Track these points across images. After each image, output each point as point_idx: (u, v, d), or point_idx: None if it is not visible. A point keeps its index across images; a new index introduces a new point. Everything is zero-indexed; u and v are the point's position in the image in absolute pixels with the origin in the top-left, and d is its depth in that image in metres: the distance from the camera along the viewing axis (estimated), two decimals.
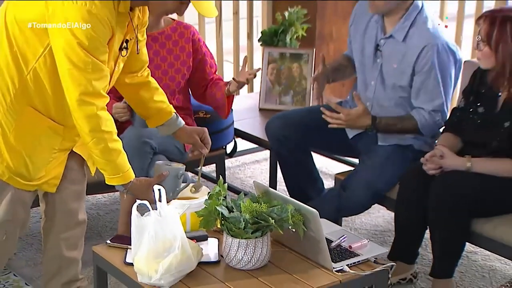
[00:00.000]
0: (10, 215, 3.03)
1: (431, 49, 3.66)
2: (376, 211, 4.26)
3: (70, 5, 2.69)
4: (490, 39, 3.34)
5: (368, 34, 3.88)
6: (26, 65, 2.85)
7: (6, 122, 2.91)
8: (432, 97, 3.71)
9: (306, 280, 2.87)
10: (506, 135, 3.44)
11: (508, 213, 3.40)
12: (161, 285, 2.77)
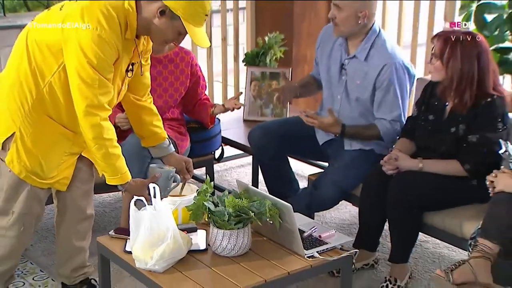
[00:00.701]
0: (27, 209, 3.03)
1: (389, 67, 3.67)
2: (344, 207, 4.26)
3: (83, 30, 2.74)
4: (442, 55, 3.35)
5: (333, 56, 3.88)
6: (43, 79, 2.89)
7: (24, 128, 2.92)
8: (392, 109, 3.72)
9: (282, 265, 2.86)
10: (452, 139, 3.45)
11: (454, 207, 3.39)
12: (155, 270, 2.76)
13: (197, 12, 2.87)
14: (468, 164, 3.36)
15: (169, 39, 3.03)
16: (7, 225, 3.04)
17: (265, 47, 4.78)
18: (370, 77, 3.71)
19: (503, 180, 3.02)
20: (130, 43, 2.94)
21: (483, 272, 2.95)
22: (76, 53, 2.76)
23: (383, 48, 3.73)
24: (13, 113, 2.92)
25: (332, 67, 3.88)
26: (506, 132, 3.40)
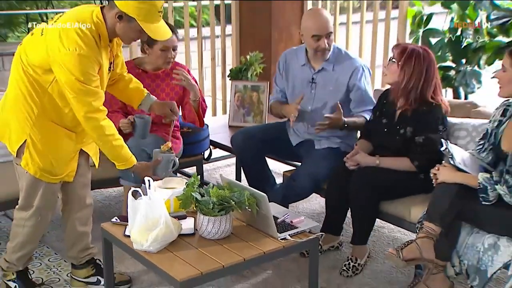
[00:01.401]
0: (43, 203, 3.05)
1: (357, 71, 3.79)
2: (314, 199, 4.28)
3: (65, 52, 2.75)
4: (400, 59, 3.40)
5: (302, 76, 3.92)
6: (43, 92, 2.90)
7: (33, 134, 2.92)
8: (366, 103, 3.81)
9: (258, 246, 2.87)
10: (401, 139, 3.49)
11: (405, 197, 3.42)
12: (150, 251, 2.77)
13: (150, 11, 2.83)
14: (417, 161, 3.40)
15: (134, 38, 3.01)
16: (26, 216, 3.05)
17: (247, 64, 4.81)
18: (342, 82, 3.80)
19: (443, 173, 3.05)
20: (106, 49, 2.94)
21: (427, 249, 2.99)
22: (64, 73, 2.78)
23: (346, 57, 3.84)
24: (22, 124, 2.92)
25: (299, 86, 3.92)
26: (446, 133, 3.46)
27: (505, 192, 2.85)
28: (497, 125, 3.11)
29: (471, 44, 5.01)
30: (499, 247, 2.90)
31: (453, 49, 5.10)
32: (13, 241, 3.12)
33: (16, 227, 3.11)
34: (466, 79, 5.03)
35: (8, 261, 3.14)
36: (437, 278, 3.13)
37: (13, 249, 3.12)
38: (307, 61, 3.87)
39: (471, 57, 5.01)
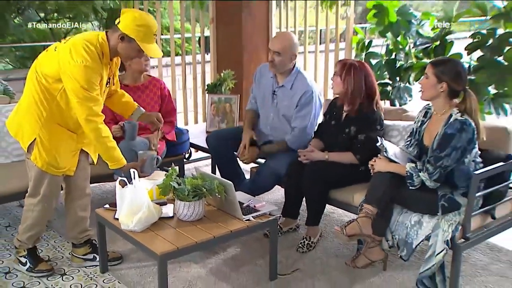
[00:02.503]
0: (48, 192, 3.01)
1: (307, 93, 3.69)
2: (277, 191, 4.21)
3: (73, 64, 2.77)
4: (342, 73, 3.39)
5: (267, 87, 3.86)
6: (52, 99, 2.89)
7: (42, 134, 2.91)
8: (302, 121, 3.70)
9: (226, 226, 2.85)
10: (347, 138, 3.46)
11: (349, 185, 3.39)
12: (135, 230, 2.74)
13: (146, 33, 2.86)
14: (359, 155, 3.39)
15: (133, 57, 3.03)
16: (34, 202, 3.03)
17: (221, 80, 4.77)
18: (294, 100, 3.71)
19: (379, 164, 3.05)
20: (106, 65, 2.95)
21: (366, 226, 2.97)
22: (71, 81, 2.79)
23: (303, 81, 3.73)
24: (33, 125, 2.91)
25: (266, 94, 3.87)
26: (382, 132, 3.45)
27: (426, 178, 2.87)
28: (420, 125, 3.12)
29: (403, 65, 5.02)
30: (422, 223, 2.91)
31: (389, 69, 5.10)
32: (23, 223, 3.10)
33: (26, 211, 3.08)
34: (400, 93, 5.04)
35: (20, 240, 3.12)
36: (374, 251, 3.11)
37: (23, 230, 3.10)
38: (274, 76, 3.82)
39: (403, 75, 5.02)
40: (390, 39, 5.05)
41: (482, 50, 4.27)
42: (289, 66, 3.72)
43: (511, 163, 3.01)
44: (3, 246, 3.50)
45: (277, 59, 3.66)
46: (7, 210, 4.13)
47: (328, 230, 3.71)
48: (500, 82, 4.19)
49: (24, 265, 3.12)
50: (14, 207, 4.16)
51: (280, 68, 3.70)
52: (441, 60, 3.12)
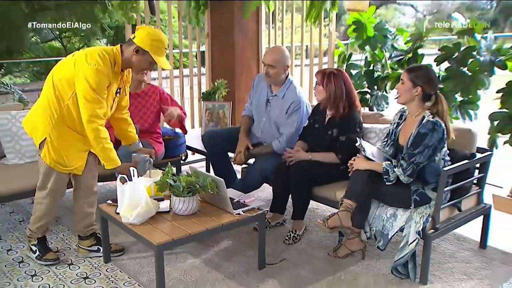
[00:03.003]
0: (54, 187, 3.01)
1: (295, 103, 3.68)
2: (266, 189, 4.18)
3: (87, 66, 2.80)
4: (323, 82, 3.39)
5: (262, 94, 3.85)
6: (63, 103, 2.90)
7: (52, 134, 2.92)
8: (289, 128, 3.68)
9: (218, 219, 2.83)
10: (329, 139, 3.45)
11: (331, 183, 3.37)
12: (134, 223, 2.72)
13: (159, 47, 2.92)
14: (340, 155, 3.37)
15: (144, 68, 3.04)
16: (43, 195, 3.03)
17: (215, 89, 4.75)
18: (284, 109, 3.71)
19: (358, 162, 3.04)
20: (117, 75, 2.96)
21: (346, 219, 2.96)
22: (82, 81, 2.79)
23: (293, 91, 3.72)
24: (45, 125, 2.92)
25: (261, 101, 3.85)
26: (362, 134, 3.44)
27: (400, 173, 2.87)
28: (396, 126, 3.11)
29: (380, 75, 5.03)
30: (397, 216, 2.90)
31: (367, 79, 5.10)
32: (34, 214, 3.10)
33: (36, 204, 3.08)
34: (378, 100, 5.03)
35: (30, 230, 3.13)
36: (354, 242, 3.09)
37: (33, 221, 3.10)
38: (269, 85, 3.81)
39: (380, 84, 5.02)
40: (368, 52, 5.06)
41: (449, 61, 4.28)
42: (283, 76, 3.72)
43: (475, 160, 3.03)
44: (17, 239, 3.49)
45: (271, 71, 3.66)
46: (21, 206, 4.11)
47: (313, 224, 3.69)
48: (465, 90, 4.20)
49: (34, 253, 3.13)
50: (27, 204, 4.12)
51: (275, 79, 3.70)
52: (415, 66, 3.12)
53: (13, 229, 3.66)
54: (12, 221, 3.83)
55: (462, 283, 2.90)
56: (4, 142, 3.70)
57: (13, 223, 3.79)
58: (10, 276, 2.98)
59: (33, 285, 2.88)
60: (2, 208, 4.08)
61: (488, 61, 4.11)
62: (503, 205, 3.95)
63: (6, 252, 3.29)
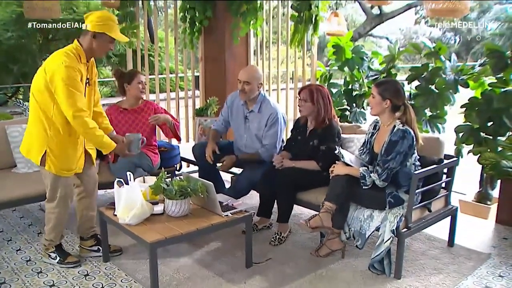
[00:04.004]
0: (64, 194, 2.91)
1: (272, 115, 3.63)
2: (254, 196, 4.06)
3: (57, 67, 2.67)
4: (312, 97, 3.34)
5: (239, 113, 3.78)
6: (49, 112, 2.77)
7: (51, 146, 2.80)
8: (271, 138, 3.62)
9: (208, 220, 2.77)
10: (311, 148, 3.41)
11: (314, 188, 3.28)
12: (130, 224, 2.66)
13: (112, 25, 2.82)
14: (321, 163, 3.32)
15: (106, 50, 2.88)
16: (53, 206, 2.92)
17: (207, 105, 4.70)
18: (263, 122, 3.65)
19: (337, 168, 3.00)
20: (84, 65, 2.82)
21: (327, 220, 2.90)
22: (58, 82, 2.67)
23: (268, 104, 3.67)
24: (41, 140, 2.80)
25: (239, 120, 3.78)
26: (340, 143, 3.41)
27: (376, 177, 2.83)
28: (371, 136, 3.08)
29: (358, 93, 5.03)
30: (373, 216, 2.85)
31: (347, 97, 5.11)
32: (48, 225, 2.98)
33: (48, 214, 2.97)
34: (356, 116, 5.03)
35: (48, 240, 3.01)
36: (334, 241, 3.04)
37: (49, 231, 2.99)
38: (244, 103, 3.75)
39: (358, 101, 5.03)
40: (347, 72, 5.07)
41: (419, 80, 4.30)
42: (256, 93, 3.66)
43: (443, 165, 3.00)
44: (26, 240, 3.42)
45: (247, 87, 3.61)
46: (30, 212, 4.03)
47: (297, 227, 3.62)
48: (433, 106, 4.22)
49: (54, 259, 3.00)
50: (36, 210, 4.05)
51: (250, 95, 3.64)
52: (382, 80, 3.11)
53: (23, 232, 3.58)
54: (21, 224, 3.74)
55: (432, 276, 2.85)
56: (16, 152, 3.64)
57: (22, 226, 3.71)
58: (18, 273, 2.91)
59: (39, 281, 2.82)
60: (13, 213, 3.99)
61: (453, 80, 4.13)
62: (468, 209, 3.92)
63: (16, 251, 3.22)
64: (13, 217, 3.91)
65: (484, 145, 3.78)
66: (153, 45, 8.53)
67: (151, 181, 3.04)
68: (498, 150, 3.68)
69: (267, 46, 5.38)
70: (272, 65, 5.43)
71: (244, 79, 3.62)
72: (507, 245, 3.32)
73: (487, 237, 3.49)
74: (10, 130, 3.64)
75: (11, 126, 3.67)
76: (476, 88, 4.05)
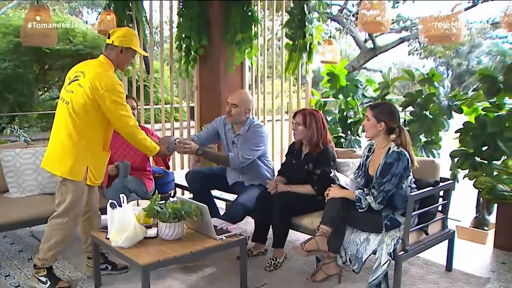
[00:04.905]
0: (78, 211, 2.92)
1: (259, 132, 3.59)
2: (250, 222, 4.01)
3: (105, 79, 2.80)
4: (305, 122, 3.35)
5: (227, 136, 3.74)
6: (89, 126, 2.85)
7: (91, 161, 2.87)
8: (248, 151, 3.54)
9: (202, 243, 2.73)
10: (306, 172, 3.40)
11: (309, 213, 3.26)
12: (123, 246, 2.61)
13: (136, 40, 2.95)
14: (316, 187, 3.30)
15: (129, 63, 3.03)
16: (63, 221, 2.86)
17: None
18: (250, 140, 3.60)
19: (333, 191, 2.99)
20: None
21: (323, 243, 2.87)
22: (109, 92, 2.77)
23: (256, 126, 3.63)
24: (81, 156, 2.80)
25: (228, 145, 3.74)
26: (335, 167, 3.40)
27: (372, 200, 2.82)
28: (366, 159, 3.08)
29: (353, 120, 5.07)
30: (369, 240, 2.82)
31: (342, 124, 5.14)
32: (48, 242, 2.88)
33: (53, 231, 2.87)
34: (352, 144, 5.05)
35: (41, 259, 2.90)
36: (330, 266, 2.98)
37: (48, 248, 2.88)
38: (231, 127, 3.74)
39: (353, 129, 5.06)
40: (342, 100, 5.13)
41: (413, 106, 4.35)
42: (243, 118, 3.63)
43: (439, 187, 3.00)
44: (15, 266, 3.34)
45: (234, 110, 3.60)
46: (21, 238, 3.95)
47: (292, 253, 3.57)
48: (428, 132, 4.26)
49: (44, 284, 2.90)
50: (27, 236, 3.98)
51: (236, 118, 3.61)
52: (377, 103, 3.14)
53: (13, 258, 3.51)
54: (12, 250, 3.67)
55: None
56: (8, 177, 3.61)
57: (12, 252, 3.63)
58: None
59: None
60: (3, 239, 3.92)
61: (447, 105, 4.18)
62: (465, 235, 3.90)
63: (4, 277, 3.14)
64: (3, 243, 3.84)
65: (479, 169, 3.80)
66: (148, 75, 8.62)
67: (145, 204, 3.02)
68: (493, 174, 3.70)
69: (262, 80, 5.46)
70: (267, 98, 5.49)
71: (232, 101, 3.61)
72: (506, 270, 3.29)
73: (485, 261, 3.46)
74: (3, 154, 3.62)
75: (4, 150, 3.66)
76: (470, 114, 4.10)
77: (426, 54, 21.07)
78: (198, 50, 5.12)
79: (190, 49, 5.15)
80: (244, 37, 5.01)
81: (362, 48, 16.75)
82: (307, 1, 4.44)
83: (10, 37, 7.78)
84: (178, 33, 5.16)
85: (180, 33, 5.14)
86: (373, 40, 16.40)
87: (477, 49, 23.06)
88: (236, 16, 4.96)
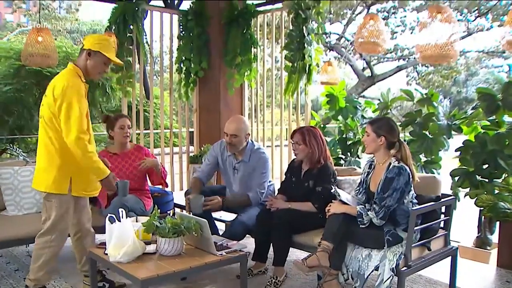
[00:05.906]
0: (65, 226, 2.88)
1: (262, 160, 3.64)
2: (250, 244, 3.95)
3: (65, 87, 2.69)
4: (304, 140, 3.37)
5: (228, 163, 3.75)
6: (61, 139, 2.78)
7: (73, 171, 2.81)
8: (259, 180, 3.61)
9: (201, 259, 2.69)
10: (306, 190, 3.39)
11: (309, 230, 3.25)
12: (121, 261, 2.56)
13: (107, 45, 2.83)
14: (317, 204, 3.29)
15: (100, 70, 2.86)
16: (50, 239, 2.83)
17: (202, 152, 4.73)
18: (254, 168, 3.64)
19: (334, 206, 2.97)
20: (84, 84, 2.80)
21: (324, 259, 2.83)
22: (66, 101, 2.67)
23: (258, 151, 3.66)
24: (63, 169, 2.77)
25: (228, 170, 3.76)
26: (336, 184, 3.39)
27: (373, 215, 2.80)
28: (366, 175, 3.08)
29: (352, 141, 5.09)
30: (371, 256, 2.79)
31: (341, 145, 5.15)
32: (37, 261, 2.83)
33: (40, 249, 2.83)
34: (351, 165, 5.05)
35: (33, 279, 2.84)
36: (332, 284, 2.93)
37: (38, 268, 2.82)
38: (232, 154, 3.73)
39: (353, 150, 5.07)
40: (341, 121, 5.16)
41: (412, 126, 4.38)
42: (244, 144, 3.65)
43: (441, 202, 2.99)
44: (11, 285, 3.29)
45: (234, 140, 3.59)
46: (17, 257, 3.92)
47: (294, 272, 3.52)
48: (428, 151, 4.27)
49: None
50: (23, 255, 3.94)
51: (238, 147, 3.63)
52: (376, 118, 3.16)
53: (8, 277, 3.46)
54: (7, 270, 3.63)
55: None
56: (6, 195, 3.61)
57: (8, 271, 3.59)
58: None
59: None
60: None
61: (446, 125, 4.20)
62: (468, 254, 3.85)
63: None
64: None
65: (480, 188, 3.79)
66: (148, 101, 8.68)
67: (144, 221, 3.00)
68: (495, 192, 3.69)
69: (261, 110, 5.51)
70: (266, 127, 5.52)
71: (231, 132, 3.59)
72: None
73: (489, 280, 3.42)
74: (1, 172, 3.62)
75: (2, 168, 3.66)
76: (469, 133, 4.12)
77: (424, 84, 21.35)
78: (198, 72, 5.19)
79: (190, 71, 5.22)
80: (244, 60, 5.08)
81: (360, 76, 16.94)
82: (306, 24, 4.52)
83: (11, 61, 7.85)
84: (178, 55, 5.23)
85: (180, 55, 5.21)
86: (370, 68, 16.61)
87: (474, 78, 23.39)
88: (236, 39, 5.05)
